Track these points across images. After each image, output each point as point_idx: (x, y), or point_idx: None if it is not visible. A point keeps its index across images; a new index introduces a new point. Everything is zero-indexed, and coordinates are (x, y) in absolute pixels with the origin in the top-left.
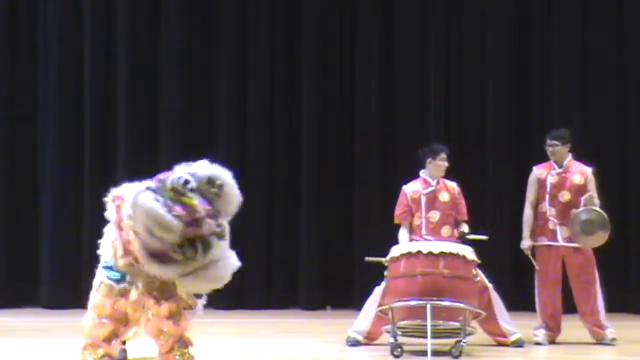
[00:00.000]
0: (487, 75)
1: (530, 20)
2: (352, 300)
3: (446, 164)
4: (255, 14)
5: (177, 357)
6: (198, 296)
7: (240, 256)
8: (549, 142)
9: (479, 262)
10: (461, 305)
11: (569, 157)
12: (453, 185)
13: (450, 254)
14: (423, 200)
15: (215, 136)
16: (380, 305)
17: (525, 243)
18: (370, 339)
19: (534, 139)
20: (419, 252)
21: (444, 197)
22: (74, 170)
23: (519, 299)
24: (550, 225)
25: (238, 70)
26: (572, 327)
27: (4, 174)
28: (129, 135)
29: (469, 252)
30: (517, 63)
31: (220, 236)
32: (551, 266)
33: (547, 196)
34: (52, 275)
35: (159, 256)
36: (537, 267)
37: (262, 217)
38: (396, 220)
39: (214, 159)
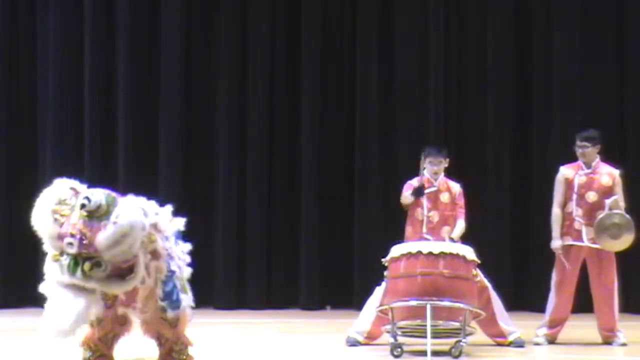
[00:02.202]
0: (487, 74)
1: (531, 19)
2: (352, 300)
3: (435, 167)
4: (255, 14)
5: (176, 358)
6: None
7: (241, 256)
8: (579, 143)
9: (479, 262)
10: (461, 305)
11: (597, 158)
12: (456, 186)
13: (450, 254)
14: (425, 199)
15: (215, 136)
16: (380, 305)
17: (557, 243)
18: (370, 338)
19: (534, 138)
20: (419, 252)
21: (444, 197)
22: (73, 170)
23: (519, 299)
24: (576, 226)
25: (238, 70)
26: (574, 327)
27: (4, 174)
28: (129, 136)
29: (469, 252)
30: (517, 63)
31: (80, 261)
32: (571, 266)
33: (575, 196)
34: None
35: (52, 258)
36: (567, 266)
37: (262, 217)
38: (402, 198)
39: (213, 159)
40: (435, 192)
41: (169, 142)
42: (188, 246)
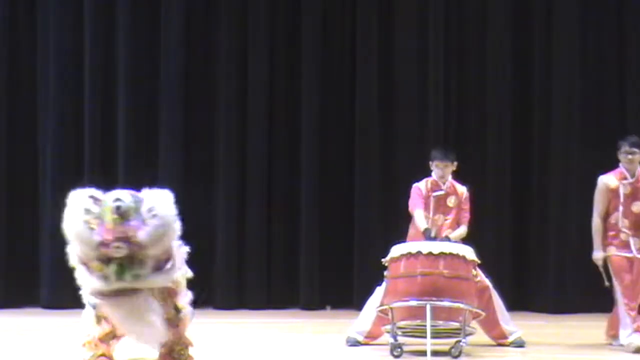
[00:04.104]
0: (487, 74)
1: (531, 19)
2: (352, 300)
3: (441, 171)
4: (255, 15)
5: (176, 358)
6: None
7: (241, 256)
8: (627, 149)
9: (479, 262)
10: (461, 305)
11: (639, 166)
12: (462, 189)
13: (450, 254)
14: (432, 201)
15: (215, 136)
16: (380, 305)
17: (598, 254)
18: (370, 338)
19: (534, 138)
20: (419, 252)
21: (452, 201)
22: (73, 170)
23: (519, 299)
24: (623, 237)
25: (238, 70)
26: (575, 327)
27: (4, 174)
28: (129, 136)
29: (469, 252)
30: (518, 63)
31: (126, 264)
32: (628, 271)
33: (621, 207)
34: (52, 275)
35: (87, 267)
36: (606, 283)
37: (262, 217)
38: (412, 209)
39: (213, 159)
40: (443, 196)
41: (169, 141)
42: (185, 249)
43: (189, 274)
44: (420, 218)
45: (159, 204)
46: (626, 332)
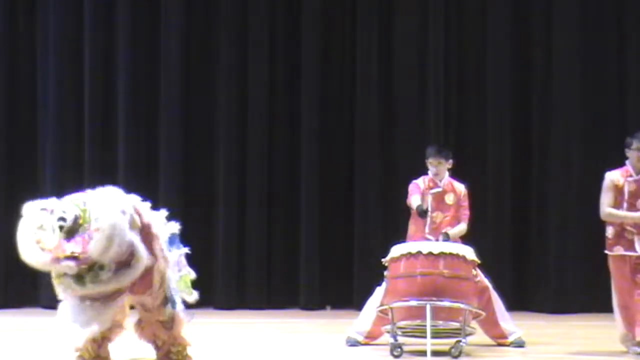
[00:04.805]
0: (487, 75)
1: (531, 19)
2: (352, 300)
3: (435, 168)
4: (255, 15)
5: (174, 359)
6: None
7: (241, 256)
8: (638, 145)
9: (479, 262)
10: (461, 305)
11: None
12: (460, 187)
13: (450, 254)
14: (430, 199)
15: (215, 136)
16: (380, 305)
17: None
18: (370, 338)
19: (534, 138)
20: (419, 252)
21: (450, 199)
22: (73, 169)
23: (519, 299)
24: (627, 235)
25: (238, 70)
26: (576, 327)
27: (3, 173)
28: (129, 136)
29: (469, 252)
30: (517, 63)
31: (84, 273)
32: (629, 276)
33: (625, 205)
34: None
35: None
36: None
37: (262, 217)
38: (409, 200)
39: (213, 159)
40: (440, 193)
41: (169, 142)
42: (185, 250)
43: (192, 274)
44: (415, 199)
45: (102, 214)
46: (622, 333)
